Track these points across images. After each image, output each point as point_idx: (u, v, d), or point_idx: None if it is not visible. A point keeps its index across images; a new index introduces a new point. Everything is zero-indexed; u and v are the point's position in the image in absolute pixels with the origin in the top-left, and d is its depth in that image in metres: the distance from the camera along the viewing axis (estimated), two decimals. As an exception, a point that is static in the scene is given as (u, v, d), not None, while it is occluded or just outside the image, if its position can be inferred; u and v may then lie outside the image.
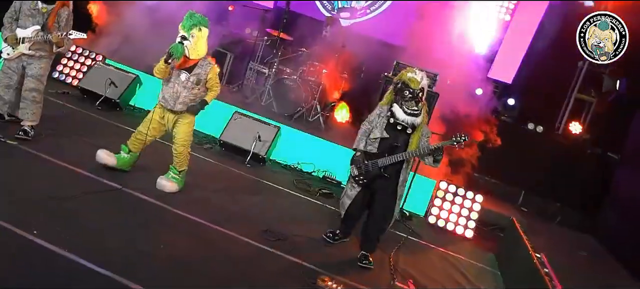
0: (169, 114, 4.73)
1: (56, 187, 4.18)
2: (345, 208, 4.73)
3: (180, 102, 4.66)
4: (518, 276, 4.95)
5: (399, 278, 4.50)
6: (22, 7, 4.98)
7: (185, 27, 4.51)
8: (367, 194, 4.65)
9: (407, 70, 4.56)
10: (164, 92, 4.71)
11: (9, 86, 5.05)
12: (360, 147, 4.62)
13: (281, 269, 4.06)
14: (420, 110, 4.47)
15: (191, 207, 4.57)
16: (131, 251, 3.61)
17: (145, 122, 4.80)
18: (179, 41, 4.50)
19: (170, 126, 4.78)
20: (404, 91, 4.43)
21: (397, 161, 4.46)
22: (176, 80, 4.63)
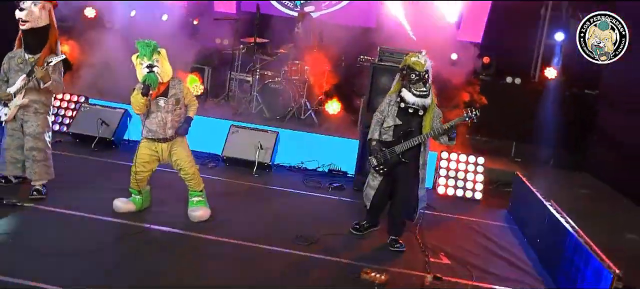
0: (161, 145, 4.70)
1: (86, 239, 4.19)
2: (369, 199, 4.87)
3: (169, 128, 4.65)
4: (535, 226, 5.18)
5: (431, 254, 4.68)
6: (10, 65, 4.90)
7: (146, 56, 4.41)
8: (389, 182, 4.78)
9: (409, 55, 4.72)
10: (148, 125, 4.66)
11: (20, 147, 4.97)
12: (375, 136, 4.75)
13: (324, 272, 4.19)
14: (428, 91, 4.64)
15: (219, 230, 4.64)
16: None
17: (137, 162, 4.76)
18: (147, 71, 4.41)
19: (165, 155, 4.75)
20: (410, 74, 4.58)
21: (413, 145, 4.60)
22: (157, 109, 4.60)
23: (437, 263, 4.52)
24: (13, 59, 4.90)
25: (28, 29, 4.80)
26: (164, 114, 4.59)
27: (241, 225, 4.86)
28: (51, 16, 4.94)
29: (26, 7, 4.75)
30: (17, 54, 4.90)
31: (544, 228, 4.86)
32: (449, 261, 4.58)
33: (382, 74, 6.28)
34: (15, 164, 5.02)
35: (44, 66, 4.73)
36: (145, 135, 4.69)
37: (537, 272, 4.57)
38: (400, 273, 4.23)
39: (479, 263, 4.62)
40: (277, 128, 6.99)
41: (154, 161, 4.76)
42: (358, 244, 4.80)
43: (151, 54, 4.38)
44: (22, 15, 4.74)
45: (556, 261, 4.40)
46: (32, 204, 4.75)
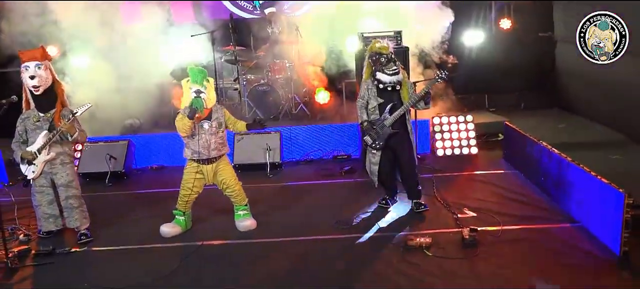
0: (205, 167, 5.03)
1: (153, 267, 4.47)
2: (376, 175, 5.36)
3: (213, 149, 4.98)
4: (536, 167, 5.80)
5: (456, 210, 5.21)
6: (26, 126, 5.05)
7: (197, 82, 4.78)
8: (388, 154, 5.29)
9: (374, 42, 5.32)
10: (192, 147, 4.97)
11: (51, 202, 5.16)
12: (365, 118, 5.25)
13: (374, 248, 4.64)
14: (398, 68, 5.19)
15: (267, 233, 5.02)
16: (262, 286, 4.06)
17: (185, 184, 5.09)
18: (195, 96, 4.79)
19: (211, 177, 5.08)
20: (380, 58, 5.15)
21: (399, 115, 5.12)
22: (201, 131, 4.92)
23: (465, 217, 5.06)
24: (28, 119, 5.04)
25: (41, 92, 4.97)
26: (208, 136, 4.92)
27: (283, 224, 5.24)
28: (52, 71, 5.12)
29: (36, 74, 4.91)
30: (30, 115, 5.05)
31: (546, 166, 5.48)
32: (474, 214, 5.12)
33: (367, 57, 6.70)
34: (49, 220, 5.21)
35: (68, 119, 4.92)
36: (191, 156, 4.99)
37: (552, 207, 5.17)
38: (438, 233, 4.74)
39: (499, 209, 5.20)
40: (278, 127, 7.33)
41: (200, 184, 5.07)
42: (390, 216, 5.28)
43: (202, 80, 4.75)
44: (35, 82, 4.91)
45: (566, 193, 5.02)
46: (85, 247, 4.97)
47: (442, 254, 4.34)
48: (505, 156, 6.81)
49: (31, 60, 4.96)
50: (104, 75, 8.78)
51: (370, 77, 5.23)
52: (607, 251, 4.18)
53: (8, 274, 4.50)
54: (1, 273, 4.53)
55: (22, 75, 5.02)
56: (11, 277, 4.47)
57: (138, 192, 6.61)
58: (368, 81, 5.24)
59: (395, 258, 4.38)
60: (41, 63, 4.98)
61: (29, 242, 5.13)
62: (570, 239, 4.47)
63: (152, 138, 7.70)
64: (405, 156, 5.20)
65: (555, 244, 4.41)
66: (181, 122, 4.84)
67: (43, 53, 5.11)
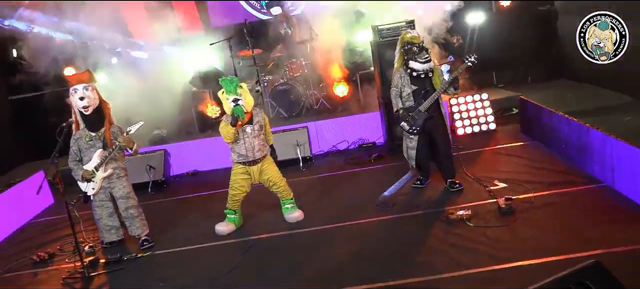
0: (252, 168, 5.39)
1: (219, 264, 4.85)
2: (414, 159, 5.73)
3: (257, 151, 5.34)
4: (555, 135, 6.18)
5: (487, 183, 5.60)
6: (79, 145, 5.41)
7: (232, 92, 5.10)
8: (424, 138, 5.65)
9: (405, 32, 5.67)
10: (238, 151, 5.32)
11: (111, 214, 5.54)
12: (400, 106, 5.59)
13: (419, 224, 5.02)
14: (430, 56, 5.52)
15: (316, 222, 5.40)
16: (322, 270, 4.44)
17: (233, 185, 5.45)
18: (234, 105, 5.11)
19: (257, 176, 5.45)
20: (412, 48, 5.47)
21: (433, 100, 5.48)
22: (244, 136, 5.27)
23: (496, 189, 5.45)
24: (80, 139, 5.41)
25: (90, 112, 5.33)
26: (251, 140, 5.27)
27: (328, 213, 5.62)
28: (99, 92, 5.48)
29: (85, 95, 5.27)
30: (82, 135, 5.41)
31: (566, 133, 5.87)
32: (505, 184, 5.51)
33: (385, 49, 7.06)
34: (111, 231, 5.60)
35: (125, 134, 5.29)
36: (237, 160, 5.35)
37: (576, 171, 5.56)
38: (475, 206, 5.12)
39: (527, 178, 5.58)
40: (305, 123, 7.70)
41: (248, 183, 5.43)
42: (426, 195, 5.67)
43: (235, 89, 5.07)
44: (84, 103, 5.28)
45: (588, 157, 5.41)
46: (149, 252, 5.35)
47: (483, 224, 4.73)
48: (523, 128, 7.20)
49: (79, 83, 5.33)
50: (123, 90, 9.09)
51: (402, 66, 5.56)
52: (635, 206, 4.58)
53: (86, 283, 4.89)
54: (80, 282, 4.92)
55: (71, 97, 5.39)
56: (90, 284, 4.86)
57: (181, 197, 7.00)
58: (400, 69, 5.57)
59: (440, 231, 4.77)
60: (88, 85, 5.35)
61: (94, 253, 5.51)
62: (599, 198, 4.87)
63: (184, 146, 8.07)
64: (441, 139, 5.56)
65: (585, 204, 4.81)
66: (225, 130, 5.18)
67: (89, 76, 5.49)
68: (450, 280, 3.97)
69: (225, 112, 5.29)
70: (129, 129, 5.31)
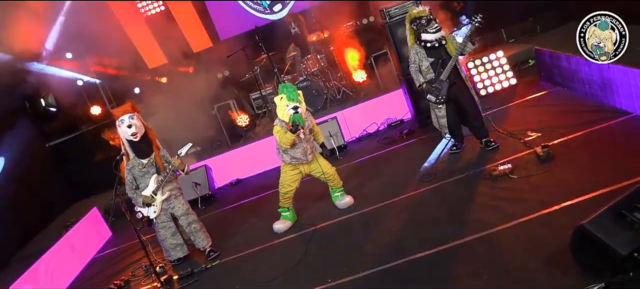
0: (304, 166, 5.67)
1: (287, 258, 5.18)
2: (446, 127, 5.99)
3: (310, 154, 5.61)
4: (577, 77, 6.39)
5: (520, 136, 5.84)
6: (134, 174, 5.76)
7: (293, 99, 5.29)
8: (451, 105, 5.90)
9: (411, 9, 5.94)
10: (292, 154, 5.55)
11: (174, 233, 5.89)
12: (421, 80, 5.85)
13: (466, 186, 5.28)
14: (439, 25, 5.78)
15: (366, 202, 5.71)
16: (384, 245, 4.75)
17: (284, 182, 5.72)
18: (294, 112, 5.28)
19: (307, 171, 5.71)
20: (421, 21, 5.73)
21: (451, 66, 5.72)
22: (299, 140, 5.49)
23: (531, 139, 5.69)
24: (134, 168, 5.74)
25: (139, 139, 5.67)
26: (305, 144, 5.53)
27: (375, 193, 5.91)
28: (142, 120, 5.81)
29: (132, 123, 5.61)
30: (134, 164, 5.74)
31: (588, 73, 6.08)
32: (539, 133, 5.75)
33: (396, 28, 7.30)
34: (176, 248, 5.94)
35: (177, 157, 5.62)
36: (290, 161, 5.61)
37: (605, 107, 5.76)
38: (514, 159, 5.38)
39: (558, 123, 5.81)
40: (332, 114, 8.00)
41: (298, 180, 5.74)
42: (465, 158, 5.93)
43: (296, 96, 5.30)
44: (133, 130, 5.61)
45: (613, 91, 5.62)
46: (217, 262, 5.70)
47: (526, 174, 4.99)
48: (543, 77, 7.40)
49: (125, 114, 5.67)
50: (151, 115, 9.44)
51: (415, 42, 5.83)
52: (668, 129, 4.81)
53: (169, 300, 5.26)
54: (163, 302, 5.29)
55: (119, 129, 5.72)
56: (170, 301, 5.24)
57: (231, 206, 7.34)
58: (415, 45, 5.83)
59: (486, 188, 5.05)
60: (133, 114, 5.69)
61: (165, 272, 5.87)
62: (630, 128, 5.10)
63: (222, 158, 8.41)
64: (467, 102, 5.82)
65: (619, 137, 5.04)
66: (285, 137, 5.33)
67: (132, 105, 5.83)
68: (504, 231, 4.24)
69: (278, 117, 5.45)
70: (180, 151, 5.63)
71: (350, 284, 4.37)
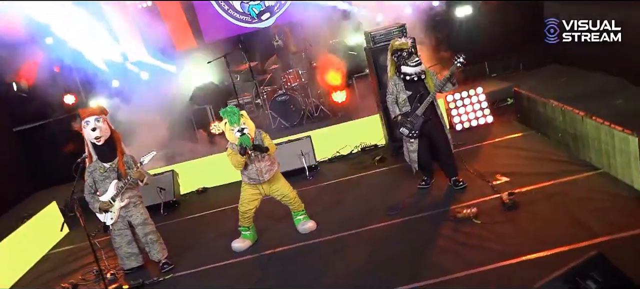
0: (262, 186, 5.56)
1: (240, 280, 5.06)
2: (416, 161, 5.94)
3: (265, 173, 5.50)
4: (551, 124, 6.39)
5: (489, 179, 5.81)
6: (94, 178, 5.59)
7: (236, 122, 5.22)
8: (424, 140, 5.86)
9: (393, 41, 5.88)
10: (248, 174, 5.48)
11: (129, 242, 5.73)
12: (397, 112, 5.81)
13: (429, 225, 5.23)
14: (420, 59, 5.76)
15: (329, 231, 5.60)
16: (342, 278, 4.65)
17: (243, 202, 5.62)
18: (240, 135, 5.22)
19: (267, 191, 5.61)
20: (402, 54, 5.70)
21: (429, 102, 5.69)
22: (251, 161, 5.41)
23: (499, 183, 5.66)
24: (95, 172, 5.58)
25: (102, 142, 5.50)
26: (257, 164, 5.43)
27: (339, 221, 5.82)
28: (109, 123, 5.66)
29: (96, 126, 5.46)
30: (95, 167, 5.58)
31: (561, 122, 6.08)
32: (507, 178, 5.72)
33: (379, 54, 7.22)
34: (131, 258, 5.78)
35: (136, 167, 5.46)
36: (247, 181, 5.52)
37: (574, 159, 5.77)
38: (480, 202, 5.33)
39: (528, 170, 5.79)
40: (307, 132, 7.89)
41: (257, 199, 5.62)
42: (432, 195, 5.88)
43: (239, 119, 5.21)
44: (97, 133, 5.46)
45: (584, 144, 5.62)
46: (170, 275, 5.55)
47: (490, 221, 4.95)
48: (519, 119, 7.40)
49: (91, 116, 5.51)
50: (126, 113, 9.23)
51: (395, 73, 5.78)
52: (631, 190, 4.80)
53: (114, 310, 5.09)
54: (107, 310, 5.12)
55: (84, 130, 5.56)
56: (117, 312, 5.07)
57: (194, 216, 7.19)
58: (394, 77, 5.79)
59: (449, 231, 4.99)
60: (100, 117, 5.53)
61: (116, 280, 5.70)
62: (597, 185, 5.09)
63: (191, 164, 8.24)
64: (440, 139, 5.77)
65: (585, 192, 5.03)
66: (235, 160, 5.32)
67: (101, 108, 5.68)
68: (462, 279, 4.19)
69: (229, 142, 5.40)
70: (142, 159, 5.47)
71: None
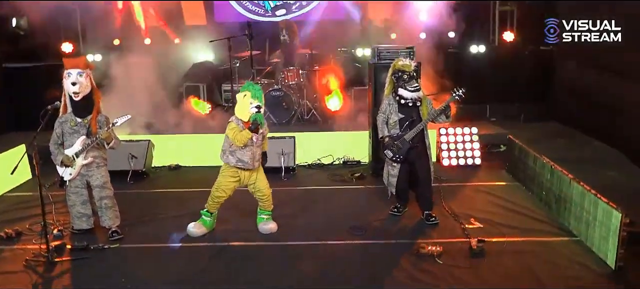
0: (244, 172, 5.34)
1: (185, 266, 4.82)
2: (394, 186, 5.72)
3: (256, 160, 5.30)
4: (537, 181, 6.19)
5: (463, 221, 5.59)
6: (63, 129, 5.36)
7: (257, 97, 5.07)
8: (406, 167, 5.64)
9: (397, 60, 5.67)
10: (239, 156, 5.22)
11: (84, 202, 5.49)
12: (386, 133, 5.59)
13: (388, 253, 5.00)
14: (419, 85, 5.54)
15: (289, 236, 5.38)
16: (287, 288, 4.44)
17: (220, 186, 5.38)
18: (257, 111, 5.07)
19: (246, 182, 5.39)
20: (403, 75, 5.47)
21: (419, 130, 5.47)
22: (251, 144, 5.20)
23: (472, 228, 5.43)
24: (65, 123, 5.36)
25: (80, 98, 5.28)
26: (255, 149, 5.23)
27: (302, 229, 5.59)
28: (92, 80, 5.44)
29: (77, 81, 5.23)
30: (67, 119, 5.36)
31: (548, 181, 5.87)
32: (481, 225, 5.50)
33: (381, 71, 7.02)
34: (82, 219, 5.54)
35: (107, 128, 5.24)
36: (235, 164, 5.26)
37: (552, 220, 5.56)
38: (448, 242, 5.11)
39: (504, 221, 5.57)
40: (292, 133, 7.68)
41: (233, 187, 5.40)
42: (401, 224, 5.66)
43: (261, 97, 5.07)
44: (75, 89, 5.23)
45: (566, 208, 5.41)
46: (117, 244, 5.31)
47: (452, 263, 4.72)
48: (508, 168, 7.20)
49: (74, 68, 5.29)
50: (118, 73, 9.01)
51: (391, 93, 5.56)
52: (604, 265, 4.58)
53: (49, 268, 4.85)
54: (42, 265, 4.87)
55: (64, 81, 5.33)
56: (52, 270, 4.82)
57: (159, 191, 6.96)
58: (389, 96, 5.58)
59: (408, 264, 4.75)
60: (83, 71, 5.30)
61: (62, 238, 5.45)
62: (569, 252, 4.86)
63: (170, 138, 8.02)
64: (423, 170, 5.55)
65: (555, 257, 4.80)
66: (240, 135, 5.07)
67: (85, 62, 5.45)
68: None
69: (235, 115, 5.21)
70: (116, 120, 5.26)
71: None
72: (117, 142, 5.47)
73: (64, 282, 4.64)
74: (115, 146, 5.46)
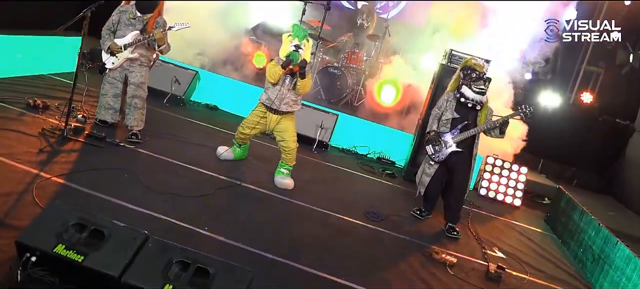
0: (272, 115, 5.16)
1: (190, 185, 4.62)
2: (425, 185, 5.31)
3: (284, 104, 5.09)
4: (578, 237, 5.65)
5: (486, 246, 5.14)
6: (120, 18, 5.29)
7: (299, 37, 4.93)
8: (444, 171, 5.23)
9: (470, 58, 5.29)
10: (269, 94, 5.10)
11: (116, 95, 5.40)
12: (434, 128, 5.19)
13: (397, 245, 4.65)
14: (486, 89, 5.07)
15: (300, 197, 5.09)
16: (285, 239, 4.14)
17: (247, 123, 5.27)
18: (294, 49, 4.92)
19: (272, 126, 5.20)
20: (472, 73, 5.04)
21: (469, 135, 5.05)
22: (282, 84, 5.05)
23: (493, 255, 4.99)
24: (124, 13, 5.28)
25: None
26: (285, 90, 5.05)
27: (318, 196, 5.29)
28: None
29: None
30: (128, 9, 5.29)
31: (591, 238, 5.33)
32: (504, 256, 5.04)
33: (448, 74, 6.63)
34: (109, 111, 5.45)
35: (163, 29, 5.13)
36: (264, 101, 5.13)
37: (582, 277, 5.04)
38: (464, 259, 4.69)
39: (529, 261, 5.09)
40: (337, 111, 7.40)
41: (259, 127, 5.23)
42: (420, 226, 5.26)
43: (303, 38, 4.92)
44: None
45: (603, 271, 4.87)
46: (132, 146, 5.18)
47: (463, 277, 4.30)
48: (547, 218, 6.66)
49: None
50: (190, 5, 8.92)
51: (454, 90, 5.19)
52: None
53: (61, 142, 4.77)
54: (56, 138, 4.79)
55: None
56: (63, 144, 4.74)
57: (189, 120, 6.82)
58: (450, 93, 5.20)
59: (417, 262, 4.37)
60: None
61: (84, 123, 5.38)
62: (593, 315, 4.36)
63: (216, 78, 7.90)
64: (460, 179, 5.13)
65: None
66: (273, 69, 4.98)
67: None
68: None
69: (278, 55, 5.07)
70: (173, 25, 5.16)
71: (220, 246, 3.76)
72: (168, 48, 5.36)
73: (69, 157, 4.52)
74: (165, 51, 5.35)
